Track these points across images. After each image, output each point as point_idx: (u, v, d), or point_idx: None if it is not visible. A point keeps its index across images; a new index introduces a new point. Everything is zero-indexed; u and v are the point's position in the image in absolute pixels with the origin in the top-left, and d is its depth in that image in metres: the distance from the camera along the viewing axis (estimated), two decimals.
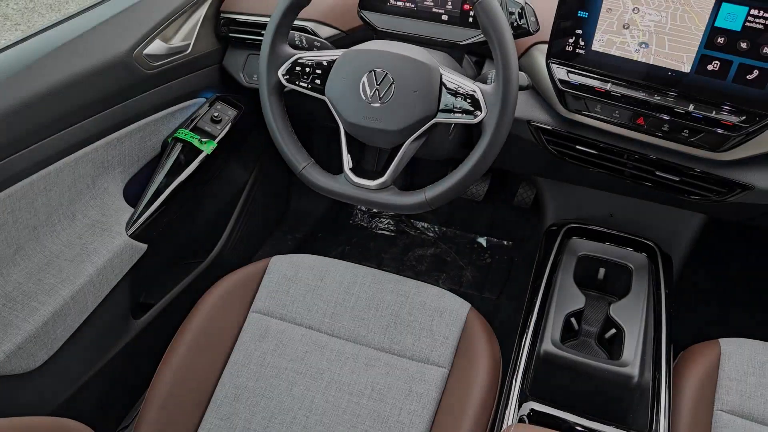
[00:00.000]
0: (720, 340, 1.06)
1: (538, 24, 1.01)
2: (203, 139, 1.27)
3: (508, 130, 0.89)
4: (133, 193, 1.22)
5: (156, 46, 1.17)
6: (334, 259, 1.18)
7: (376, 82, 0.93)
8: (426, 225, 1.96)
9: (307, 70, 0.99)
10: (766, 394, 0.98)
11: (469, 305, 1.09)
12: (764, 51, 0.86)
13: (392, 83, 0.93)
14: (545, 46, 1.02)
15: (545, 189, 1.45)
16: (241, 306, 1.12)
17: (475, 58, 1.19)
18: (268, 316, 1.11)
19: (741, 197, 1.02)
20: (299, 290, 1.13)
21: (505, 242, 1.88)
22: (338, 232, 1.93)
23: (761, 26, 0.85)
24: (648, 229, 1.33)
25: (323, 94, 0.98)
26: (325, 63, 0.98)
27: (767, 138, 0.94)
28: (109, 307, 1.17)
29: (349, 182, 0.98)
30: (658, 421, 0.95)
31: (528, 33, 1.00)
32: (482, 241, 1.90)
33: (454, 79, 0.92)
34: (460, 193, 0.94)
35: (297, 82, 1.00)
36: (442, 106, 0.92)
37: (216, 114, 1.31)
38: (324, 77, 0.98)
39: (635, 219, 1.36)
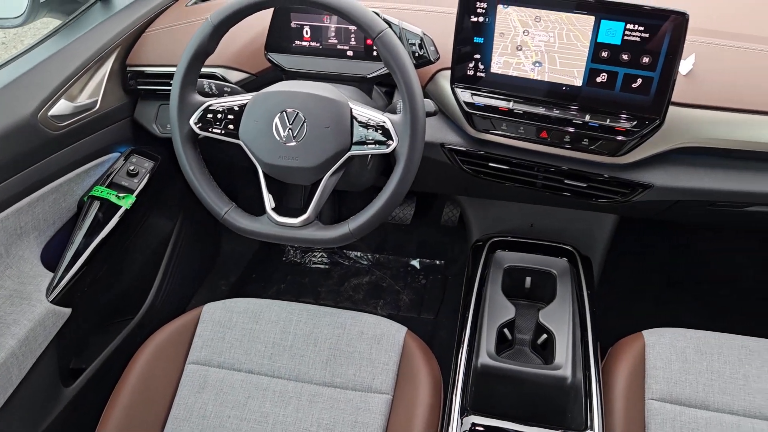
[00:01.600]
0: (643, 332, 1.11)
1: (437, 53, 1.06)
2: (121, 194, 1.25)
3: (420, 156, 0.93)
4: (51, 257, 1.18)
5: (62, 106, 1.15)
6: (269, 300, 1.18)
7: (288, 121, 0.95)
8: (359, 254, 1.97)
9: (219, 116, 1.00)
10: (689, 378, 1.04)
11: (406, 329, 1.11)
12: (644, 61, 0.93)
13: (304, 121, 0.95)
14: (449, 72, 1.07)
15: (467, 207, 1.49)
16: (176, 359, 1.10)
17: (384, 88, 1.23)
18: (205, 366, 1.09)
19: (643, 196, 1.09)
20: (235, 335, 1.12)
21: (438, 262, 1.92)
22: (272, 272, 1.92)
23: (638, 39, 0.92)
24: (567, 235, 1.40)
25: (237, 138, 0.99)
26: (236, 108, 0.99)
27: (659, 139, 1.02)
28: (37, 377, 1.12)
29: (273, 222, 0.99)
30: (592, 418, 0.99)
31: (429, 62, 1.05)
32: (415, 263, 1.94)
33: (363, 112, 0.95)
34: (382, 221, 0.97)
35: (210, 129, 1.00)
36: (355, 139, 0.95)
37: (132, 167, 1.29)
38: (236, 122, 0.99)
39: (554, 226, 1.42)
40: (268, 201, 1.00)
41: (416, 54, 1.04)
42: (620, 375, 1.05)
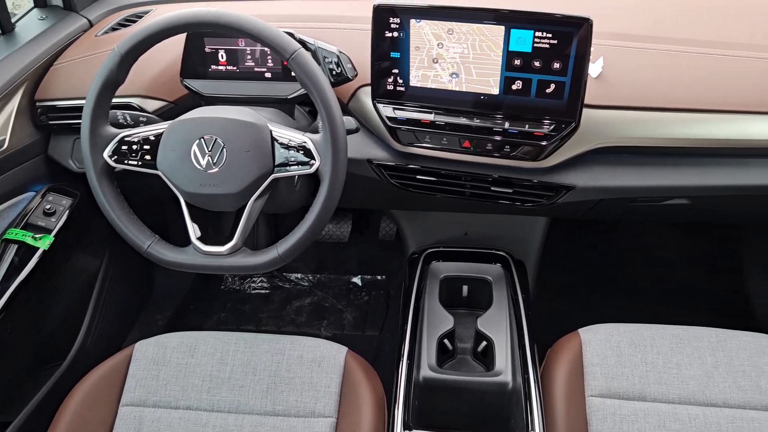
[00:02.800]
0: (579, 330, 1.13)
1: (355, 69, 1.06)
2: (37, 235, 1.19)
3: (344, 173, 0.92)
4: None
5: None
6: (204, 332, 1.14)
7: (207, 148, 0.93)
8: (299, 275, 1.95)
9: (135, 147, 0.96)
10: (626, 372, 1.06)
11: (346, 349, 1.10)
12: (555, 67, 0.96)
13: (223, 147, 0.93)
14: (369, 88, 1.07)
15: (402, 220, 1.50)
16: (108, 402, 1.05)
17: (307, 108, 1.22)
18: (140, 407, 1.04)
19: (567, 197, 1.12)
20: (170, 372, 1.07)
21: (379, 277, 1.92)
22: (211, 301, 1.87)
23: (547, 45, 0.95)
24: (501, 240, 1.41)
25: (156, 168, 0.96)
26: (152, 137, 0.96)
27: (577, 141, 1.05)
28: None
29: (199, 252, 0.96)
30: (533, 421, 1.00)
31: (347, 79, 1.05)
32: (357, 280, 1.92)
33: (284, 133, 0.94)
34: (311, 241, 0.95)
35: (126, 161, 0.97)
36: (277, 162, 0.94)
37: (48, 206, 1.24)
38: (153, 152, 0.96)
39: (488, 233, 1.44)
40: (193, 231, 0.97)
41: (334, 72, 1.04)
42: (560, 375, 1.07)
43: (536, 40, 0.95)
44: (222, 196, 0.94)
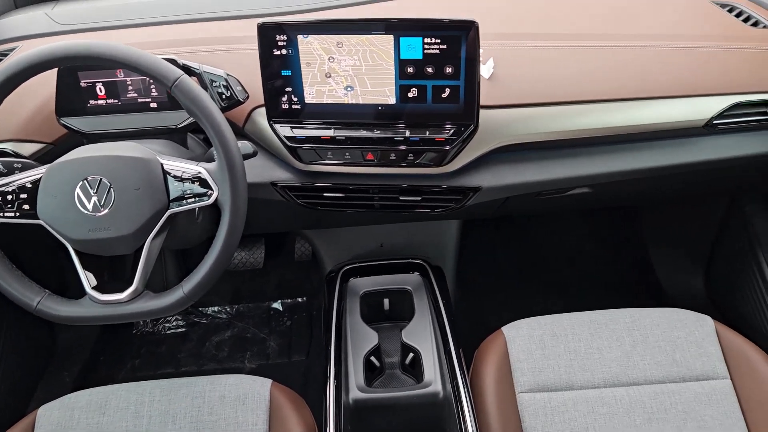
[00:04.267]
0: (502, 328, 1.14)
1: (246, 92, 1.02)
2: None
3: (244, 201, 0.88)
4: None
5: None
6: (115, 385, 1.06)
7: (92, 190, 0.86)
8: (216, 308, 1.86)
9: (10, 197, 0.88)
10: (551, 363, 1.08)
11: (270, 381, 1.05)
12: (447, 71, 0.96)
13: (110, 187, 0.86)
14: (264, 109, 1.04)
15: (315, 239, 1.46)
16: None
17: (201, 135, 1.16)
18: None
19: (476, 199, 1.12)
20: None
21: (300, 299, 1.87)
22: (122, 349, 1.76)
23: (437, 51, 0.95)
24: (417, 248, 1.41)
25: (37, 218, 0.88)
26: (28, 184, 0.88)
27: (478, 143, 1.05)
28: None
29: (96, 302, 0.89)
30: (466, 427, 0.99)
31: (239, 102, 1.01)
32: (277, 305, 1.86)
33: (176, 165, 0.89)
34: (219, 275, 0.90)
35: (2, 214, 0.88)
36: (172, 196, 0.88)
37: None
38: (32, 200, 0.88)
39: (403, 242, 1.43)
40: (87, 280, 0.90)
41: (223, 96, 1.00)
42: (488, 377, 1.06)
43: (426, 46, 0.95)
44: (115, 240, 0.87)
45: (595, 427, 1.00)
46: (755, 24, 1.21)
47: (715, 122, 1.11)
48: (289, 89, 1.00)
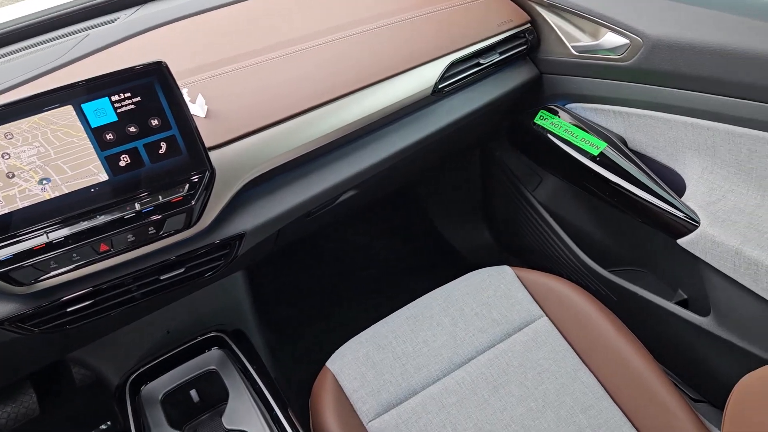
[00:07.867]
0: (326, 363, 1.05)
1: None
2: None
3: None
4: None
5: None
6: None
7: None
8: None
9: None
10: (386, 378, 1.01)
11: None
12: (154, 124, 0.83)
13: None
14: None
15: (87, 358, 1.22)
16: None
17: None
18: None
19: (244, 245, 1.01)
20: None
21: (103, 426, 1.58)
22: None
23: (133, 106, 0.81)
24: (211, 319, 1.25)
25: None
26: None
27: (222, 188, 0.94)
28: None
29: None
30: None
31: None
32: None
33: None
34: None
35: None
36: None
37: None
38: None
39: (191, 319, 1.26)
40: None
41: None
42: (330, 421, 0.97)
43: (116, 105, 0.81)
44: None
45: (451, 420, 0.96)
46: None
47: (440, 86, 1.13)
48: None
